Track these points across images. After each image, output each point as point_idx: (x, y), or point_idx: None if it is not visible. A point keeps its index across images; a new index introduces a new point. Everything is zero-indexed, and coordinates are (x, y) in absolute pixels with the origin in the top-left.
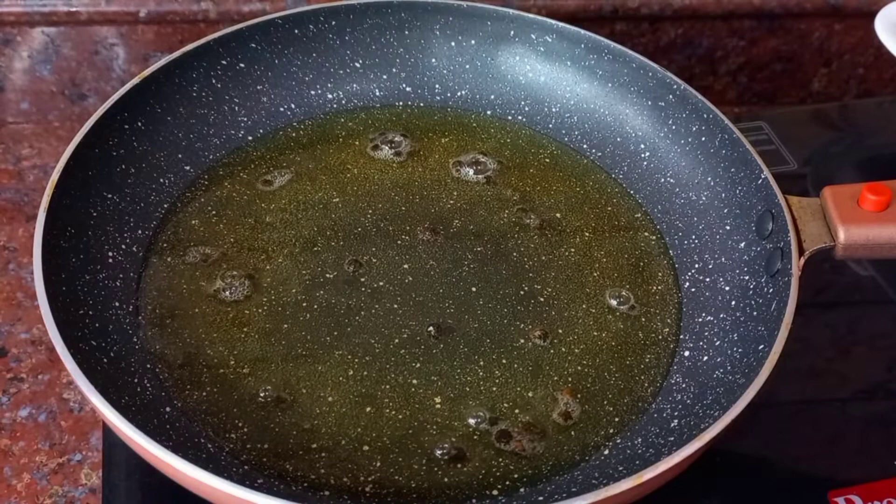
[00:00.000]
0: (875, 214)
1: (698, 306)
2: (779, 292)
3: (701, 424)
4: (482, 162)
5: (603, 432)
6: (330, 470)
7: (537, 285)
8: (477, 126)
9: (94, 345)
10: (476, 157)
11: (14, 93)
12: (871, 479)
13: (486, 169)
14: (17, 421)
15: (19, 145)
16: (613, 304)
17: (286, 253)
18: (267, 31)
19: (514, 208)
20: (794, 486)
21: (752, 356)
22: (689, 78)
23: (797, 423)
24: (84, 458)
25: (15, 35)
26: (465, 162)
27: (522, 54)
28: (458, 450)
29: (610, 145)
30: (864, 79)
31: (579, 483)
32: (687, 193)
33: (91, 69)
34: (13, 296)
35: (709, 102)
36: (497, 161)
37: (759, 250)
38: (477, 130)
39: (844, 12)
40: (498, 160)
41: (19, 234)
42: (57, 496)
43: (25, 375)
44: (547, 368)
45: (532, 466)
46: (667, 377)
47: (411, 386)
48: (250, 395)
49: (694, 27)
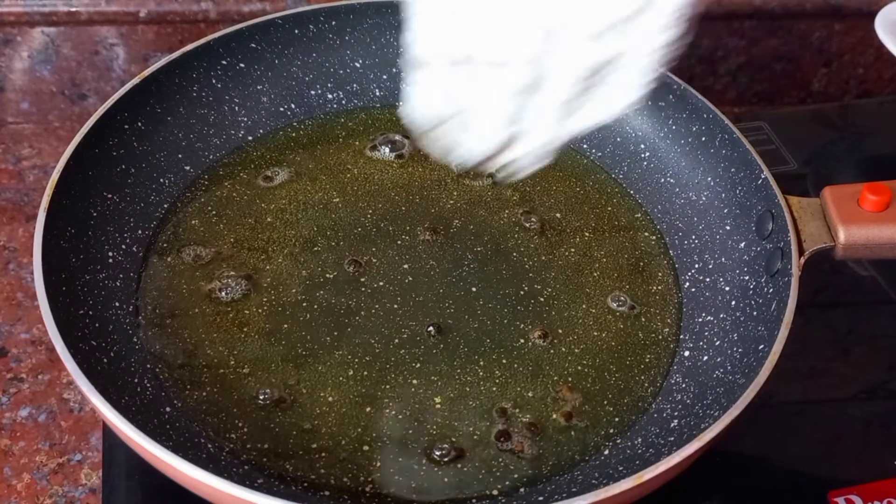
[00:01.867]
0: (875, 214)
1: (698, 306)
2: (779, 292)
3: (701, 424)
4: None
5: (603, 432)
6: (330, 470)
7: (537, 285)
8: None
9: (94, 345)
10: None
11: (14, 93)
12: (872, 480)
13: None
14: (17, 421)
15: (19, 145)
16: (613, 304)
17: (286, 253)
18: (267, 31)
19: (514, 208)
20: (794, 487)
21: (753, 356)
22: (690, 78)
23: (797, 424)
24: (84, 458)
25: (15, 35)
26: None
27: None
28: (458, 450)
29: (610, 145)
30: (863, 79)
31: (579, 483)
32: (687, 193)
33: (91, 69)
34: (13, 296)
35: (709, 102)
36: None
37: (760, 250)
38: None
39: (844, 12)
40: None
41: (19, 234)
42: (57, 496)
43: (25, 375)
44: (547, 368)
45: (532, 466)
46: (667, 377)
47: (411, 386)
48: (250, 395)
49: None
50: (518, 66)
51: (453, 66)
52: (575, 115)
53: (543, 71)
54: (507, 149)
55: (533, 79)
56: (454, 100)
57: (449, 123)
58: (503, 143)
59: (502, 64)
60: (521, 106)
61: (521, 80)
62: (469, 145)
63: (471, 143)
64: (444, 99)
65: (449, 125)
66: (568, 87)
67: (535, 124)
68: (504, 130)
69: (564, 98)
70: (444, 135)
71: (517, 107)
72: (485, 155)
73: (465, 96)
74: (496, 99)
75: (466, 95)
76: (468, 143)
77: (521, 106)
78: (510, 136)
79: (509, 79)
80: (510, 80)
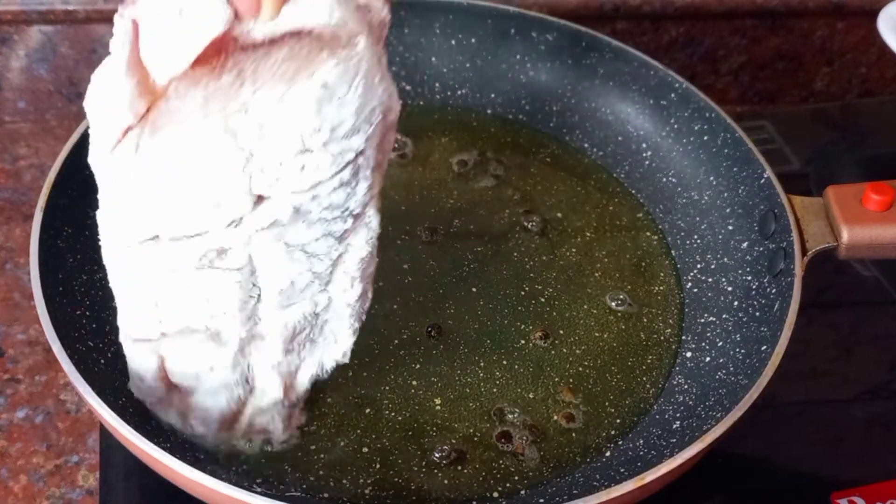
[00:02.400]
0: (879, 214)
1: (701, 307)
2: (781, 293)
3: (703, 426)
4: (483, 162)
5: (604, 433)
6: (329, 472)
7: (538, 285)
8: (477, 125)
9: (91, 345)
10: (476, 157)
11: (11, 92)
12: (875, 481)
13: (487, 168)
14: (13, 422)
15: (16, 144)
16: (615, 304)
17: None
18: None
19: (514, 208)
20: (796, 488)
21: (755, 357)
22: (691, 77)
23: (800, 424)
24: (81, 460)
25: (12, 34)
26: (466, 161)
27: (523, 52)
28: (459, 451)
29: (611, 144)
30: (866, 78)
31: (580, 485)
32: (689, 193)
33: (89, 68)
34: (10, 296)
35: (711, 101)
36: (498, 161)
37: (762, 250)
38: (477, 130)
39: (847, 11)
40: (498, 160)
41: (16, 233)
42: (54, 498)
43: (22, 376)
44: (548, 369)
45: (533, 468)
46: (669, 378)
47: (411, 387)
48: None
49: (696, 26)
50: (211, 236)
51: (142, 245)
52: (298, 369)
53: (256, 330)
54: (244, 409)
55: (247, 335)
56: (180, 367)
57: (176, 393)
58: (237, 404)
59: (192, 236)
60: (242, 366)
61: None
62: (201, 412)
63: (203, 408)
64: (167, 369)
65: (177, 395)
66: (281, 344)
67: (262, 381)
68: (233, 391)
69: (281, 352)
70: (175, 404)
71: (239, 368)
72: (222, 417)
73: (187, 363)
74: (217, 361)
75: (189, 362)
76: (200, 411)
77: (242, 366)
78: (240, 397)
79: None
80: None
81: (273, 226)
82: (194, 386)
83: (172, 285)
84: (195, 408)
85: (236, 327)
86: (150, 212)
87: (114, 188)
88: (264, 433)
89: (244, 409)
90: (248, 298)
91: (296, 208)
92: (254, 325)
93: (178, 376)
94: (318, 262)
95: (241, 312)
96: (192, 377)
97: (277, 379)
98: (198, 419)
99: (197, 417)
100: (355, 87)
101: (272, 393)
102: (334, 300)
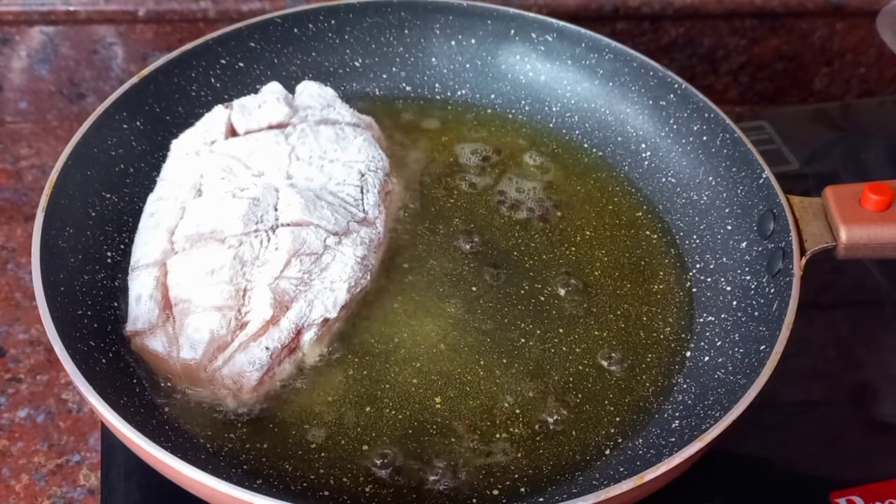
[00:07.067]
0: (877, 214)
1: (700, 306)
2: (780, 292)
3: (702, 425)
4: (482, 161)
5: (604, 432)
6: (329, 470)
7: (538, 284)
8: (477, 125)
9: (92, 345)
10: (476, 157)
11: (12, 92)
12: (874, 480)
13: (487, 168)
14: (15, 422)
15: (17, 145)
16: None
17: None
18: (266, 30)
19: (514, 207)
20: (795, 487)
21: (754, 356)
22: (691, 77)
23: (799, 424)
24: (83, 459)
25: (13, 34)
26: (466, 161)
27: (523, 53)
28: (458, 450)
29: (611, 144)
30: (865, 78)
31: (580, 484)
32: (688, 193)
33: (90, 68)
34: (11, 296)
35: (710, 102)
36: (497, 160)
37: (761, 250)
38: (477, 129)
39: (846, 11)
40: (498, 159)
41: (17, 234)
42: (55, 497)
43: (24, 376)
44: (548, 368)
45: (532, 467)
46: (668, 377)
47: (411, 386)
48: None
49: (695, 26)
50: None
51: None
52: (291, 303)
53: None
54: (231, 339)
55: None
56: (182, 277)
57: (169, 313)
58: (227, 330)
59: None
60: (239, 281)
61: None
62: (192, 332)
63: (195, 327)
64: (167, 285)
65: (170, 315)
66: (286, 256)
67: (255, 298)
68: (226, 314)
69: (281, 266)
70: (166, 326)
71: (235, 283)
72: (211, 340)
73: (189, 271)
74: (218, 261)
75: (191, 270)
76: (191, 330)
77: (239, 281)
78: (231, 322)
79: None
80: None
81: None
82: (190, 297)
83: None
84: (187, 326)
85: (240, 228)
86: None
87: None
88: (239, 383)
89: (231, 341)
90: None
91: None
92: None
93: (177, 287)
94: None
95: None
96: (192, 285)
97: (269, 295)
98: (187, 341)
99: (187, 339)
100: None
101: (261, 312)
102: (342, 249)
